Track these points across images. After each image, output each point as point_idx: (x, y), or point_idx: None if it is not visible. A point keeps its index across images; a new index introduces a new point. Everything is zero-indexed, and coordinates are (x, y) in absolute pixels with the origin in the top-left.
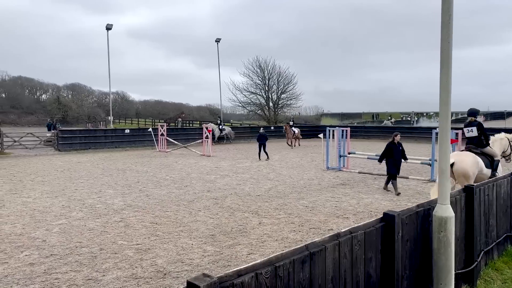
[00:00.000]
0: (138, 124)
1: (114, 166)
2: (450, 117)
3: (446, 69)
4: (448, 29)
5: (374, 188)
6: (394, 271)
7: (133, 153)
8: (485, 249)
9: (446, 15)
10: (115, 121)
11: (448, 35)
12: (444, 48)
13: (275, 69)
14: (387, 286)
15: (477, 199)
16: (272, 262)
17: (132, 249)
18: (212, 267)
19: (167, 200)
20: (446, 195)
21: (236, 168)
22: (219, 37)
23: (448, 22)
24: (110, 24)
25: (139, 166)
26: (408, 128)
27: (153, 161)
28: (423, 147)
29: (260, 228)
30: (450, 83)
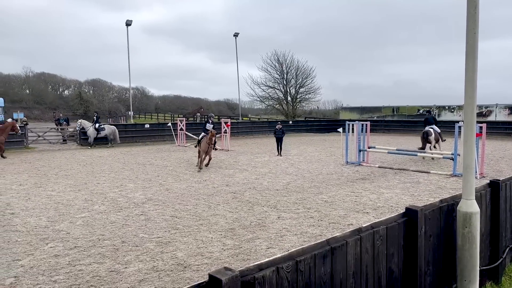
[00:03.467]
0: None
1: (134, 160)
2: (476, 110)
3: (472, 61)
4: (474, 19)
5: (394, 183)
6: (416, 267)
7: (153, 148)
8: (510, 245)
9: (472, 5)
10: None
11: (474, 26)
12: (470, 39)
13: (293, 63)
14: (410, 282)
15: (503, 194)
16: (293, 257)
17: (153, 242)
18: (232, 260)
19: (186, 194)
20: (471, 190)
21: (255, 163)
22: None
23: (474, 12)
24: (129, 20)
25: (159, 160)
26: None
27: (173, 155)
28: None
29: (279, 222)
30: (476, 75)
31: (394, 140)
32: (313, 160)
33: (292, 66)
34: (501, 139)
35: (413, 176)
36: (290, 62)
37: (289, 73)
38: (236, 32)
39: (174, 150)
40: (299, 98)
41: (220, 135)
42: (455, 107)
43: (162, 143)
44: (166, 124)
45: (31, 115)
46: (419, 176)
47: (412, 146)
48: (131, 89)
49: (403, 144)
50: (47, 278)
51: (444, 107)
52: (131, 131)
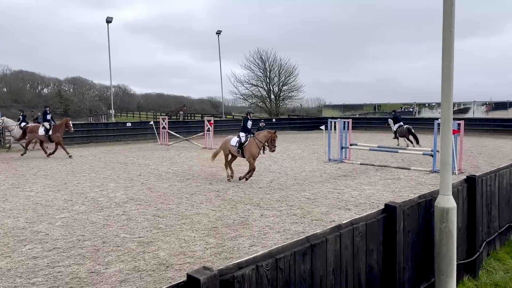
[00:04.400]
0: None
1: (115, 159)
2: (452, 107)
3: (448, 59)
4: (450, 18)
5: (376, 179)
6: (395, 262)
7: (134, 147)
8: (487, 239)
9: (448, 4)
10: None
11: (450, 24)
12: (446, 37)
13: (276, 61)
14: (389, 277)
15: (479, 190)
16: (273, 254)
17: (135, 242)
18: (214, 259)
19: (169, 193)
20: (448, 186)
21: (238, 161)
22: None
23: (450, 11)
24: (110, 17)
25: (141, 159)
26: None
27: (155, 154)
28: (425, 138)
29: (262, 220)
30: (452, 73)
31: (375, 137)
32: (296, 158)
33: (275, 64)
34: (479, 135)
35: (394, 172)
36: (273, 60)
37: (272, 71)
38: (219, 30)
39: (157, 149)
40: (282, 96)
41: (203, 134)
42: (434, 105)
43: (144, 142)
44: (149, 123)
45: (9, 113)
46: (400, 172)
47: (394, 143)
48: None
49: (384, 141)
50: (25, 280)
51: (424, 105)
52: (113, 130)
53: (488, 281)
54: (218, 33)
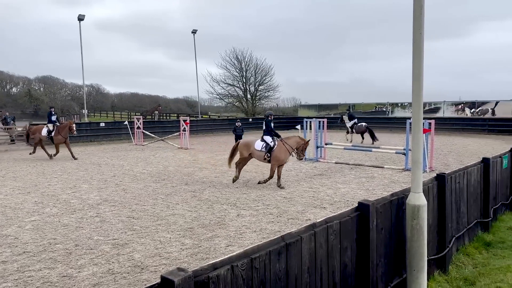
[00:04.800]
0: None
1: (89, 160)
2: (423, 107)
3: (418, 59)
4: (419, 20)
5: (350, 178)
6: (369, 259)
7: (108, 147)
8: (456, 235)
9: (418, 6)
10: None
11: (419, 26)
12: (416, 39)
13: (252, 60)
14: (362, 274)
15: (449, 187)
16: (248, 254)
17: (109, 244)
18: (191, 260)
19: (144, 194)
20: (418, 183)
21: (215, 161)
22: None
23: (420, 13)
24: (82, 15)
25: (115, 160)
26: (384, 118)
27: (130, 154)
28: (397, 137)
29: (238, 220)
30: (422, 73)
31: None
32: None
33: (251, 64)
34: (449, 134)
35: (368, 171)
36: (249, 59)
37: (248, 71)
38: (194, 29)
39: (131, 149)
40: (259, 96)
41: (179, 134)
42: (407, 104)
43: (118, 142)
44: (123, 123)
45: None
46: (374, 171)
47: (367, 142)
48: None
49: (358, 140)
50: None
51: (397, 104)
52: (86, 130)
53: (458, 276)
54: (194, 32)
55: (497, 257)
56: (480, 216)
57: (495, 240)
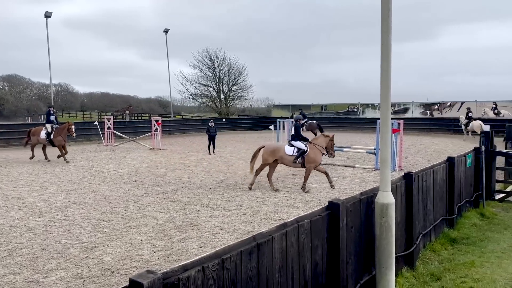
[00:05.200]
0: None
1: (57, 161)
2: (390, 107)
3: (386, 61)
4: (387, 23)
5: (322, 178)
6: (339, 257)
7: (77, 148)
8: (423, 232)
9: (385, 10)
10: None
11: (387, 29)
12: (383, 41)
13: (226, 61)
14: (333, 272)
15: (416, 186)
16: (219, 255)
17: (77, 248)
18: (162, 262)
19: (114, 196)
20: (387, 182)
21: (187, 161)
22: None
23: (387, 16)
24: (49, 12)
25: (84, 161)
26: (355, 119)
27: (100, 155)
28: (368, 137)
29: (211, 220)
30: (390, 75)
31: None
32: (246, 158)
33: (224, 64)
34: (417, 134)
35: (340, 170)
36: (222, 60)
37: (221, 71)
38: (166, 28)
39: (101, 150)
40: (232, 96)
41: (150, 134)
42: (377, 105)
43: (88, 143)
44: (93, 123)
45: None
46: (345, 170)
47: (339, 142)
48: (53, 86)
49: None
50: None
51: (368, 105)
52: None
53: (425, 272)
54: (166, 31)
55: (462, 252)
56: (445, 213)
57: (460, 236)
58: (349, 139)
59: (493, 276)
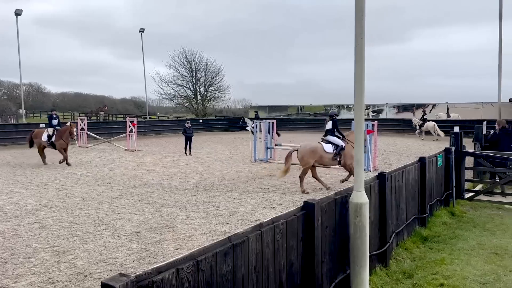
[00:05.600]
0: None
1: (27, 163)
2: (364, 109)
3: (360, 64)
4: (361, 25)
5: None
6: (314, 257)
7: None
8: (396, 231)
9: (359, 12)
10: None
11: (361, 31)
12: (357, 43)
13: (202, 61)
14: (308, 272)
15: (389, 185)
16: (194, 257)
17: (49, 252)
18: (137, 265)
19: (88, 198)
20: (361, 182)
21: (163, 163)
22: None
23: (361, 19)
24: (19, 9)
25: (56, 163)
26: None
27: (73, 157)
28: None
29: (188, 222)
30: (364, 76)
31: (299, 137)
32: (223, 159)
33: (201, 65)
34: (391, 135)
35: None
36: (199, 60)
37: (198, 72)
38: (142, 28)
39: (75, 152)
40: (209, 97)
41: (125, 135)
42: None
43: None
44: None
45: None
46: (322, 170)
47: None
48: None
49: (307, 141)
50: None
51: (344, 106)
52: (23, 132)
53: (397, 269)
54: (141, 31)
55: (433, 250)
56: (417, 212)
57: (431, 235)
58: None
59: (463, 273)
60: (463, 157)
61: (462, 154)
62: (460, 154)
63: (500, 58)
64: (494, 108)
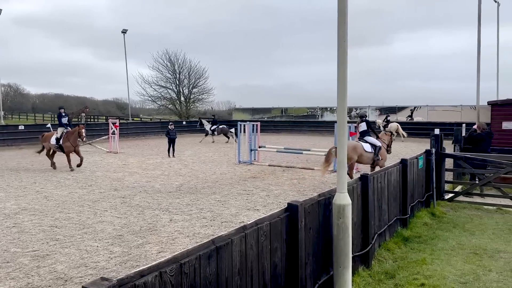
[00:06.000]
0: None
1: (5, 166)
2: (347, 111)
3: (343, 66)
4: (344, 28)
5: (283, 180)
6: (298, 259)
7: (29, 152)
8: (378, 232)
9: (342, 15)
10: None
11: (344, 34)
12: (340, 46)
13: (186, 63)
14: (292, 273)
15: (371, 187)
16: (177, 259)
17: (28, 257)
18: (120, 269)
19: (68, 201)
20: (343, 184)
21: (146, 165)
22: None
23: (344, 21)
24: None
25: (36, 166)
26: (314, 122)
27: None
28: (327, 140)
29: (171, 225)
30: (347, 79)
31: (283, 139)
32: (206, 161)
33: (184, 66)
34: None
35: (300, 172)
36: (183, 62)
37: (181, 73)
38: (125, 29)
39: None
40: (193, 99)
41: (107, 137)
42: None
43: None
44: (45, 125)
45: None
46: (305, 172)
47: (299, 145)
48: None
49: (290, 143)
50: None
51: (326, 109)
52: (2, 134)
53: (380, 270)
54: (124, 32)
55: (414, 251)
56: (399, 213)
57: (413, 235)
58: (308, 142)
59: (443, 273)
60: (443, 159)
61: (442, 156)
62: (440, 156)
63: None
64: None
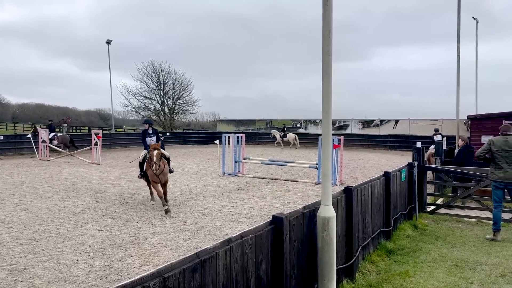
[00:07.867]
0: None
1: None
2: (331, 124)
3: (327, 79)
4: (328, 43)
5: (267, 192)
6: (283, 271)
7: (8, 162)
8: (362, 244)
9: (326, 29)
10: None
11: (328, 48)
12: (325, 60)
13: (171, 74)
14: (276, 286)
15: (355, 199)
16: (161, 273)
17: (5, 271)
18: (100, 283)
19: (48, 214)
20: (328, 196)
21: (129, 177)
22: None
23: (328, 36)
24: None
25: (15, 177)
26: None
27: (33, 170)
28: (311, 152)
29: (153, 238)
30: (331, 92)
31: (267, 151)
32: (190, 172)
33: (169, 77)
34: (356, 149)
35: (284, 185)
36: (167, 73)
37: (166, 84)
38: (109, 39)
39: (35, 165)
40: (177, 110)
41: (89, 148)
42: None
43: (20, 158)
44: (25, 136)
45: None
46: (289, 184)
47: (283, 157)
48: None
49: (275, 155)
50: None
51: (310, 121)
52: None
53: (364, 283)
54: (108, 42)
55: (398, 263)
56: (382, 226)
57: (396, 248)
58: (292, 154)
59: (426, 285)
60: (425, 171)
61: (424, 169)
62: (422, 168)
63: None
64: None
